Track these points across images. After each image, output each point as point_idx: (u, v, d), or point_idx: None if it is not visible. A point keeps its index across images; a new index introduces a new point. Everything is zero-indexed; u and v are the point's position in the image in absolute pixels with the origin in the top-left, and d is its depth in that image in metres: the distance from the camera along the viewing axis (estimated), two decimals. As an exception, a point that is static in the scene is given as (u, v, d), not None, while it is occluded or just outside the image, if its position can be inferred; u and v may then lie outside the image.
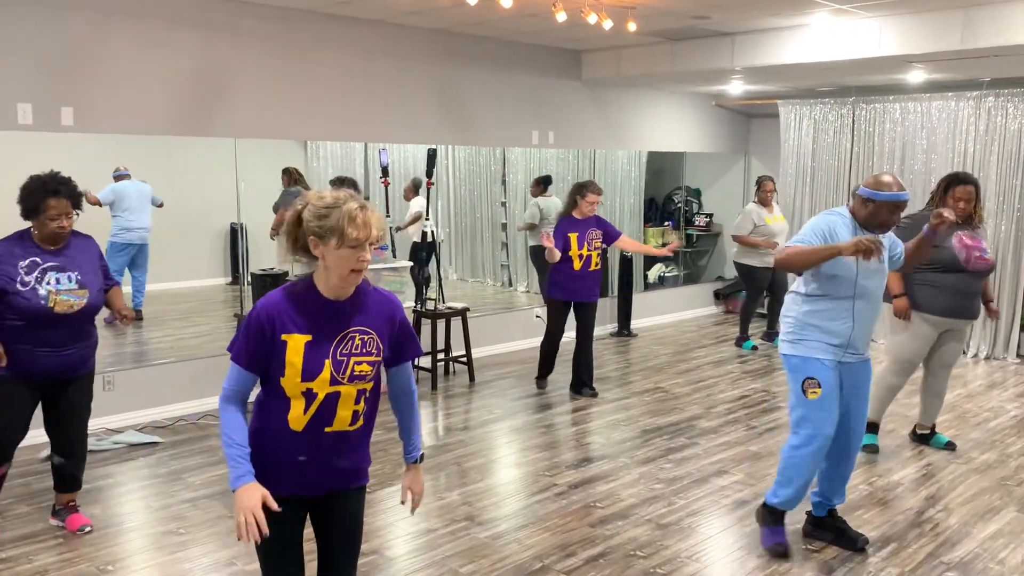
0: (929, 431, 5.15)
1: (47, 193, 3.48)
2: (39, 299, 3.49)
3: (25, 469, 4.49)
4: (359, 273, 2.15)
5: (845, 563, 3.60)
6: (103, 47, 5.13)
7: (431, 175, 6.45)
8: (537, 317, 7.81)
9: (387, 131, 6.60)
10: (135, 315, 3.98)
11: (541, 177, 8.30)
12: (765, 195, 7.77)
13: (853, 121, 8.41)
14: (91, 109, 5.10)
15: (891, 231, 3.67)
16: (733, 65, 6.74)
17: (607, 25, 5.36)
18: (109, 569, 3.48)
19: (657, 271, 9.78)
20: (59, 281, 3.54)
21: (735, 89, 8.61)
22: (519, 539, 3.80)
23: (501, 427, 5.48)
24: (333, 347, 2.16)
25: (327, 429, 2.21)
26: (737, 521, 4.02)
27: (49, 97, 4.94)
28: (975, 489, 4.45)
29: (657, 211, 10.19)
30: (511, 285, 8.89)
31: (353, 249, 2.09)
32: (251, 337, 2.15)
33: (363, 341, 2.20)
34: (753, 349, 7.80)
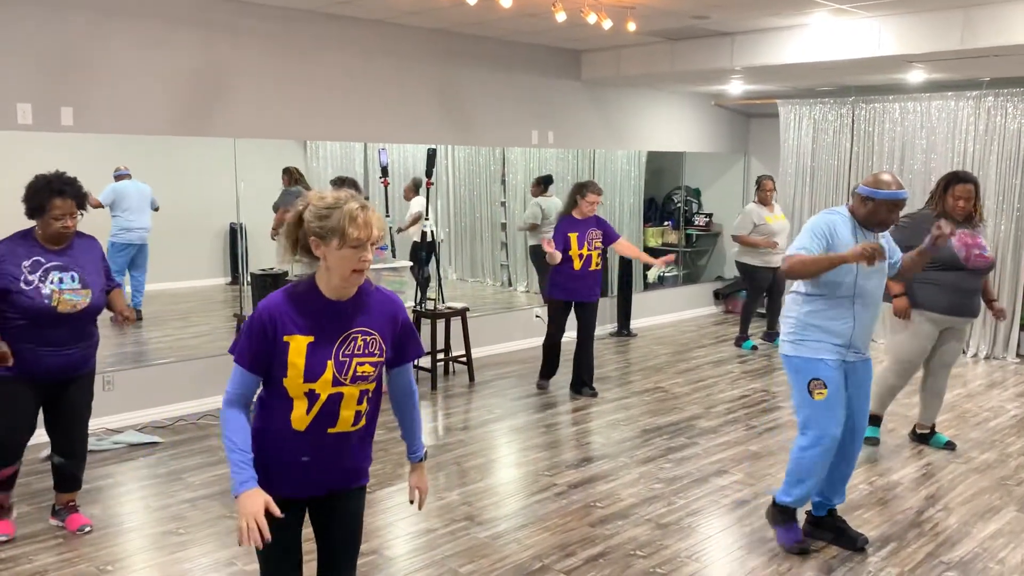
0: (929, 431, 5.15)
1: (52, 193, 3.48)
2: (42, 298, 3.49)
3: (25, 469, 4.46)
4: (361, 273, 2.14)
5: (845, 563, 3.60)
6: (103, 47, 5.13)
7: (431, 175, 6.45)
8: (537, 317, 7.81)
9: (387, 131, 6.60)
10: (135, 315, 3.99)
11: (542, 177, 8.29)
12: (765, 194, 7.77)
13: (853, 121, 8.41)
14: (91, 109, 5.10)
15: (889, 233, 3.68)
16: (733, 65, 6.74)
17: (607, 25, 5.37)
18: (109, 569, 3.49)
19: (657, 271, 9.77)
20: (62, 280, 3.54)
21: (735, 89, 8.61)
22: (519, 539, 3.80)
23: (501, 427, 5.48)
24: (335, 348, 2.16)
25: (330, 430, 2.21)
26: (737, 521, 4.03)
27: (49, 97, 4.94)
28: (975, 489, 4.46)
29: (657, 211, 10.19)
30: (511, 285, 8.89)
31: (355, 249, 2.09)
32: (253, 338, 2.14)
33: (365, 342, 2.20)
34: (753, 349, 7.80)
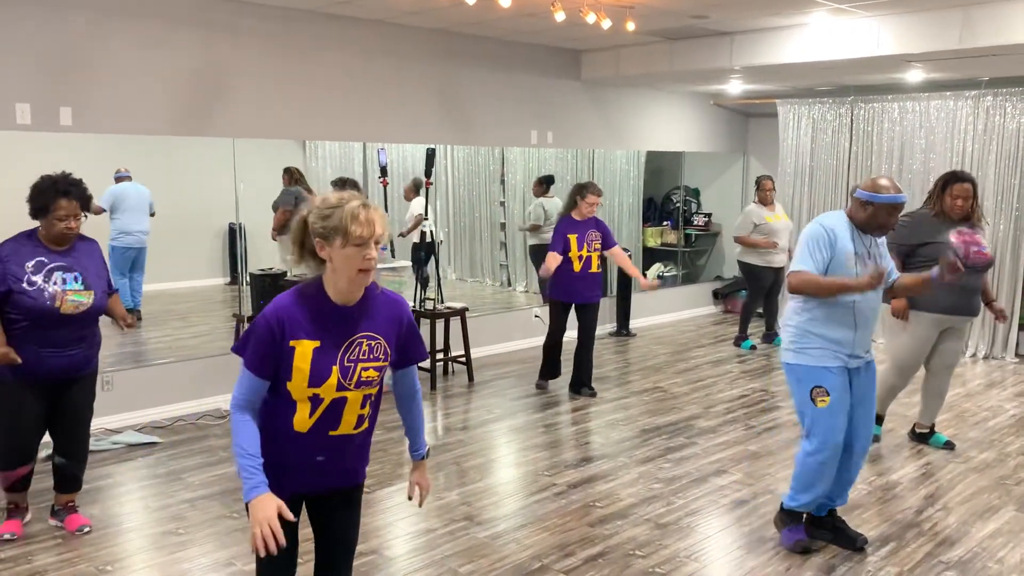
0: (928, 430, 5.16)
1: (58, 193, 3.49)
2: (45, 299, 3.50)
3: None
4: (367, 273, 2.13)
5: (844, 562, 3.60)
6: (102, 47, 5.13)
7: (430, 175, 6.45)
8: (536, 317, 7.81)
9: (386, 131, 6.60)
10: (136, 321, 4.01)
11: (543, 177, 8.27)
12: (765, 194, 7.77)
13: (851, 120, 8.42)
14: (90, 109, 5.09)
15: (885, 239, 3.68)
16: (732, 64, 6.74)
17: (606, 25, 5.37)
18: (108, 569, 3.48)
19: (656, 271, 9.78)
20: (65, 281, 3.55)
21: (734, 89, 8.61)
22: (518, 539, 3.80)
23: (500, 427, 5.48)
24: (341, 353, 2.15)
25: (331, 432, 2.21)
26: (736, 520, 4.03)
27: (48, 97, 4.94)
28: (974, 488, 4.46)
29: (656, 211, 10.20)
30: (510, 285, 8.89)
31: (358, 247, 2.08)
32: (262, 342, 2.12)
33: (370, 347, 2.20)
34: (752, 349, 7.80)
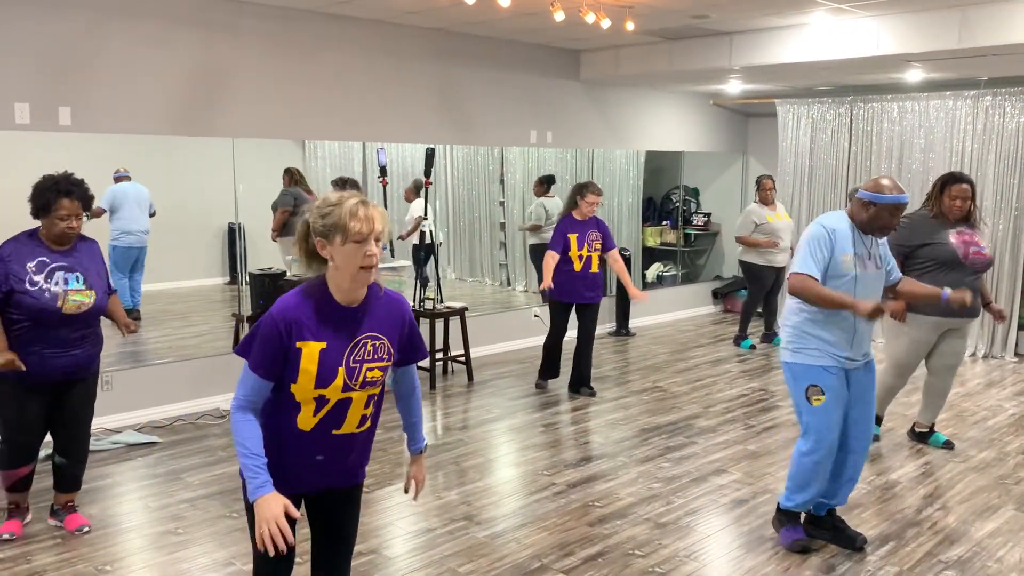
0: (928, 430, 5.16)
1: (59, 193, 3.49)
2: (47, 299, 3.50)
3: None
4: (369, 271, 2.12)
5: (844, 562, 3.60)
6: (101, 46, 5.13)
7: (429, 175, 6.45)
8: (535, 316, 7.81)
9: (386, 130, 6.60)
10: (137, 325, 4.03)
11: (544, 176, 8.27)
12: (765, 194, 7.77)
13: (851, 120, 8.42)
14: (89, 109, 5.09)
15: (886, 239, 3.68)
16: (731, 64, 6.74)
17: (605, 24, 5.37)
18: (107, 569, 3.48)
19: (655, 270, 9.79)
20: (67, 281, 3.56)
21: (733, 88, 8.62)
22: (518, 538, 3.80)
23: (500, 426, 5.48)
24: (346, 354, 2.16)
25: (335, 431, 2.21)
26: (735, 520, 4.03)
27: (46, 97, 4.93)
28: (973, 488, 4.46)
29: (655, 210, 10.20)
30: (509, 285, 8.89)
31: (358, 244, 2.08)
32: (269, 344, 2.12)
33: (375, 347, 2.20)
34: (751, 348, 7.81)
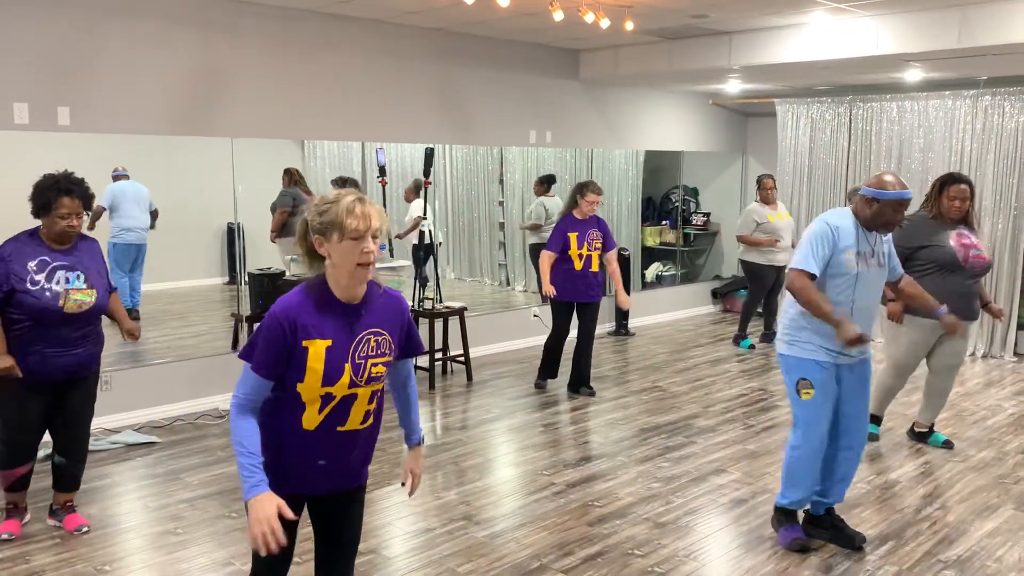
0: (927, 429, 5.16)
1: (60, 192, 3.50)
2: (49, 298, 3.50)
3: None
4: (366, 268, 2.13)
5: (843, 561, 3.60)
6: (101, 46, 5.12)
7: (428, 175, 6.45)
8: (535, 316, 7.80)
9: (385, 130, 6.60)
10: (139, 329, 4.04)
11: (545, 176, 8.27)
12: (766, 193, 7.77)
13: (850, 120, 8.42)
14: (88, 109, 5.09)
15: (890, 235, 3.68)
16: (730, 64, 6.74)
17: (604, 24, 5.36)
18: (106, 569, 3.48)
19: (655, 270, 9.79)
20: (68, 280, 3.56)
21: (732, 88, 8.61)
22: (517, 538, 3.80)
23: (499, 426, 5.48)
24: (351, 351, 2.16)
25: (339, 428, 2.21)
26: (734, 520, 4.03)
27: (45, 96, 4.93)
28: (972, 487, 4.46)
29: (655, 210, 10.19)
30: (509, 284, 8.89)
31: (355, 241, 2.09)
32: (272, 344, 2.12)
33: (378, 343, 2.22)
34: (751, 348, 7.81)
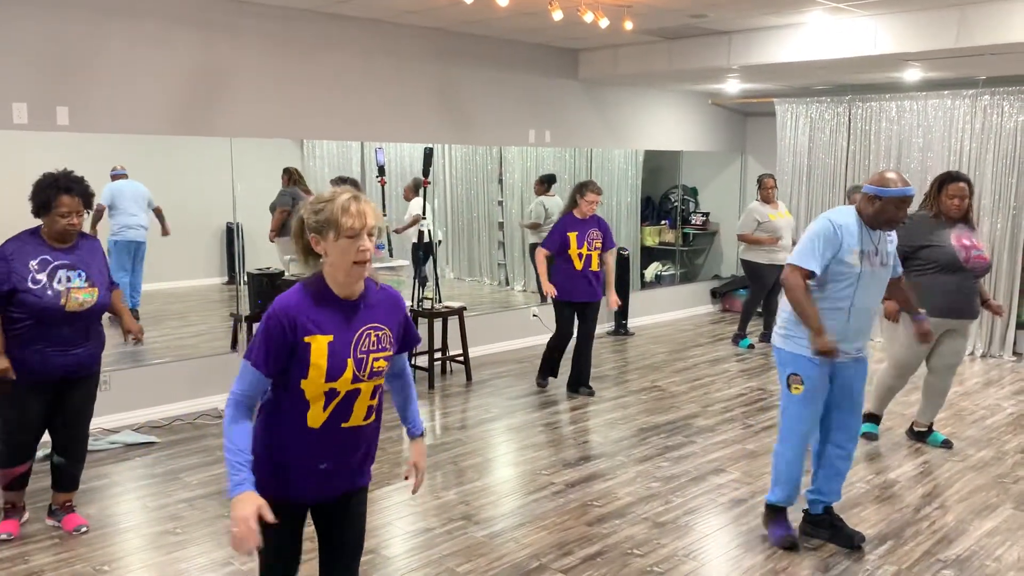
0: (926, 429, 5.16)
1: (60, 190, 3.50)
2: (51, 297, 3.50)
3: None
4: (362, 266, 2.14)
5: (842, 561, 3.60)
6: (100, 46, 5.12)
7: (428, 174, 6.45)
8: (534, 316, 7.80)
9: (384, 130, 6.59)
10: (143, 332, 4.04)
11: (545, 175, 8.26)
12: (766, 192, 7.78)
13: (849, 120, 8.42)
14: (87, 108, 5.08)
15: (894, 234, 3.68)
16: (730, 64, 6.74)
17: (603, 24, 5.36)
18: (105, 569, 3.48)
19: (654, 270, 9.79)
20: (70, 279, 3.56)
21: (731, 88, 8.61)
22: (516, 538, 3.80)
23: (498, 426, 5.48)
24: (353, 346, 2.17)
25: (343, 424, 2.22)
26: (734, 519, 4.03)
27: (44, 96, 4.93)
28: (972, 486, 4.46)
29: (654, 210, 10.19)
30: (508, 284, 8.88)
31: (351, 239, 2.10)
32: (272, 340, 2.12)
33: (378, 337, 2.22)
34: (750, 347, 7.81)
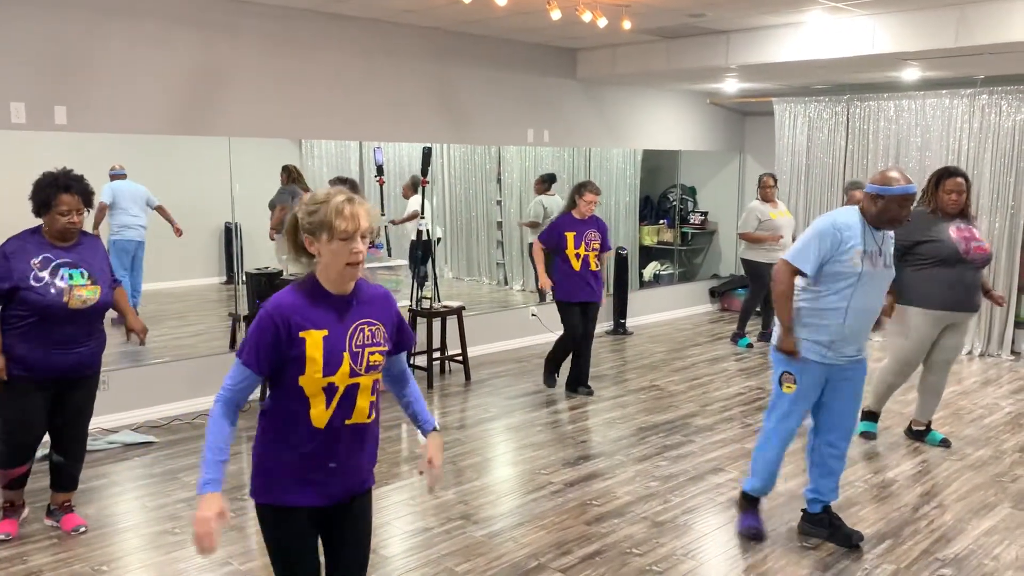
0: (924, 428, 5.16)
1: (59, 188, 3.50)
2: (53, 294, 3.50)
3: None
4: (355, 267, 2.15)
5: (840, 560, 3.61)
6: (98, 46, 5.12)
7: (426, 174, 6.45)
8: (533, 315, 7.80)
9: (383, 130, 6.59)
10: (146, 330, 4.04)
11: (545, 175, 8.26)
12: (766, 191, 7.78)
13: (847, 119, 8.42)
14: (85, 108, 5.08)
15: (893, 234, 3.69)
16: (728, 63, 6.75)
17: (602, 23, 5.36)
18: (104, 569, 3.48)
19: (652, 269, 9.79)
20: (72, 277, 3.56)
21: (730, 87, 8.61)
22: (515, 537, 3.80)
23: (497, 425, 5.48)
24: (348, 339, 2.18)
25: (347, 422, 2.21)
26: (733, 518, 4.02)
27: (43, 96, 4.92)
28: (970, 486, 4.47)
29: (652, 209, 10.20)
30: (507, 284, 8.89)
31: (344, 241, 2.10)
32: (264, 336, 2.12)
33: (372, 332, 2.23)
34: (748, 346, 7.81)
